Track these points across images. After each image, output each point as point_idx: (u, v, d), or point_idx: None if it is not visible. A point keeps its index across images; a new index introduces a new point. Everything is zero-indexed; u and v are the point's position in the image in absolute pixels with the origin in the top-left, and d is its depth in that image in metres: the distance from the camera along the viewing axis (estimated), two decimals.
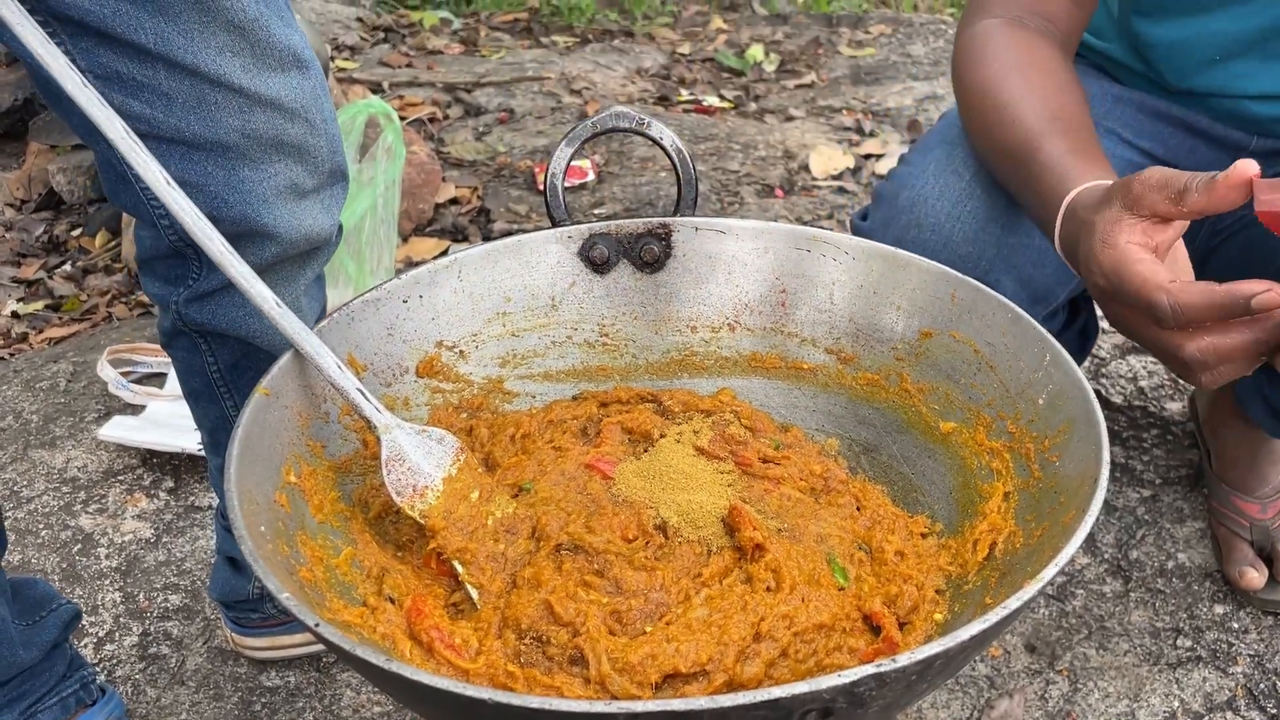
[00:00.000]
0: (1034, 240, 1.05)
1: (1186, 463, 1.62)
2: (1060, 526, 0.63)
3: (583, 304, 0.92)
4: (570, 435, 0.85)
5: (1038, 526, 0.68)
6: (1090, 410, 0.67)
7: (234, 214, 0.93)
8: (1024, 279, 1.06)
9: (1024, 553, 0.67)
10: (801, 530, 0.78)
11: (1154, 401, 1.73)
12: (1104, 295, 0.76)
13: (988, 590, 0.68)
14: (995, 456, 0.76)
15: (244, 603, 1.26)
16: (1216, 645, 1.36)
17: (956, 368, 0.81)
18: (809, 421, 0.90)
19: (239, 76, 0.88)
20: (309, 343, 0.75)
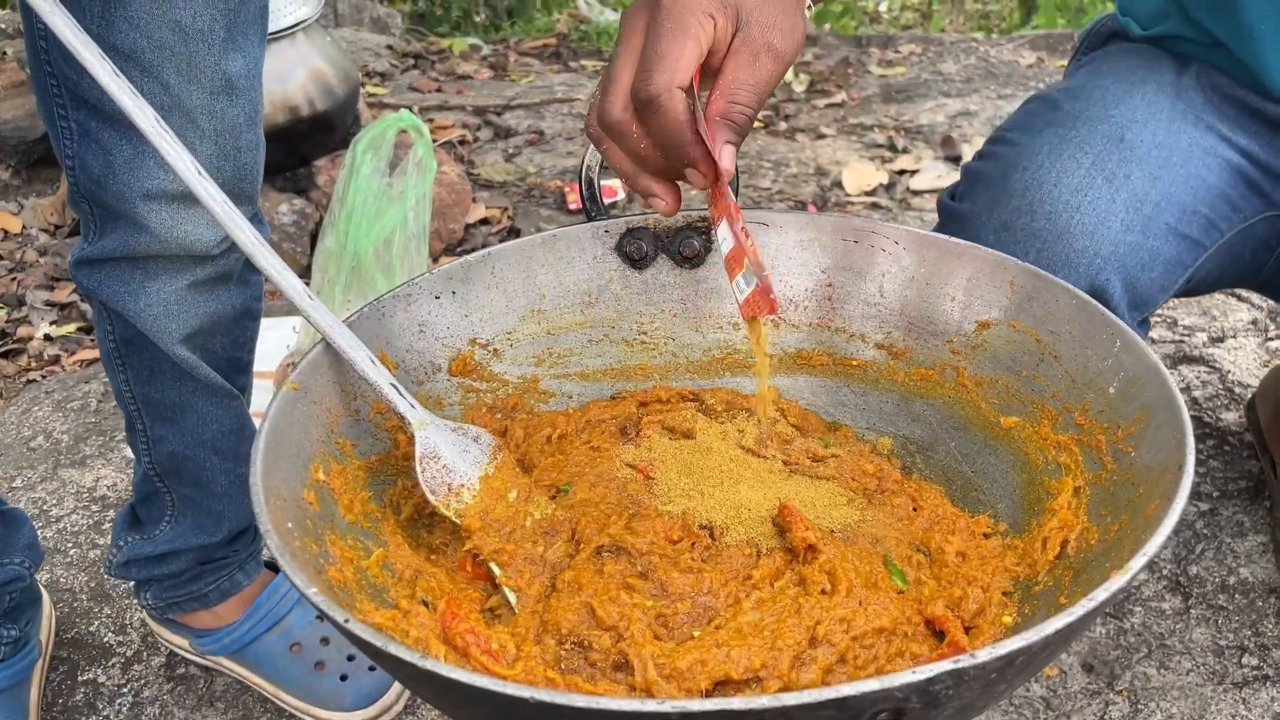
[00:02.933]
0: (1149, 241, 0.99)
1: (1245, 474, 1.56)
2: (1142, 519, 0.59)
3: (620, 300, 0.88)
4: (608, 435, 0.82)
5: (1114, 521, 0.63)
6: (1169, 395, 0.63)
7: (118, 191, 0.91)
8: (1130, 283, 1.00)
9: (1100, 549, 0.63)
10: (856, 531, 0.73)
11: (1209, 412, 1.67)
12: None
13: (1061, 590, 0.64)
14: (1063, 450, 0.72)
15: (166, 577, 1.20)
16: None
17: (1017, 359, 0.77)
18: (859, 420, 0.86)
19: (169, 74, 0.86)
20: (341, 336, 0.72)
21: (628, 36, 0.66)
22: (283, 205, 2.41)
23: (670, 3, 0.63)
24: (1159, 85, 1.10)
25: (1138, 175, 1.00)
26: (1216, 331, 1.85)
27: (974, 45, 4.01)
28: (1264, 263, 1.19)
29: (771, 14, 0.64)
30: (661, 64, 0.62)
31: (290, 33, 2.29)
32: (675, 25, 0.62)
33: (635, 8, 0.66)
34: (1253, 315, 1.91)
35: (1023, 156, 1.04)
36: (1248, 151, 1.10)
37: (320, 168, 2.48)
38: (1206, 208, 1.05)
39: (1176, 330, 1.85)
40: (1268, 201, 1.12)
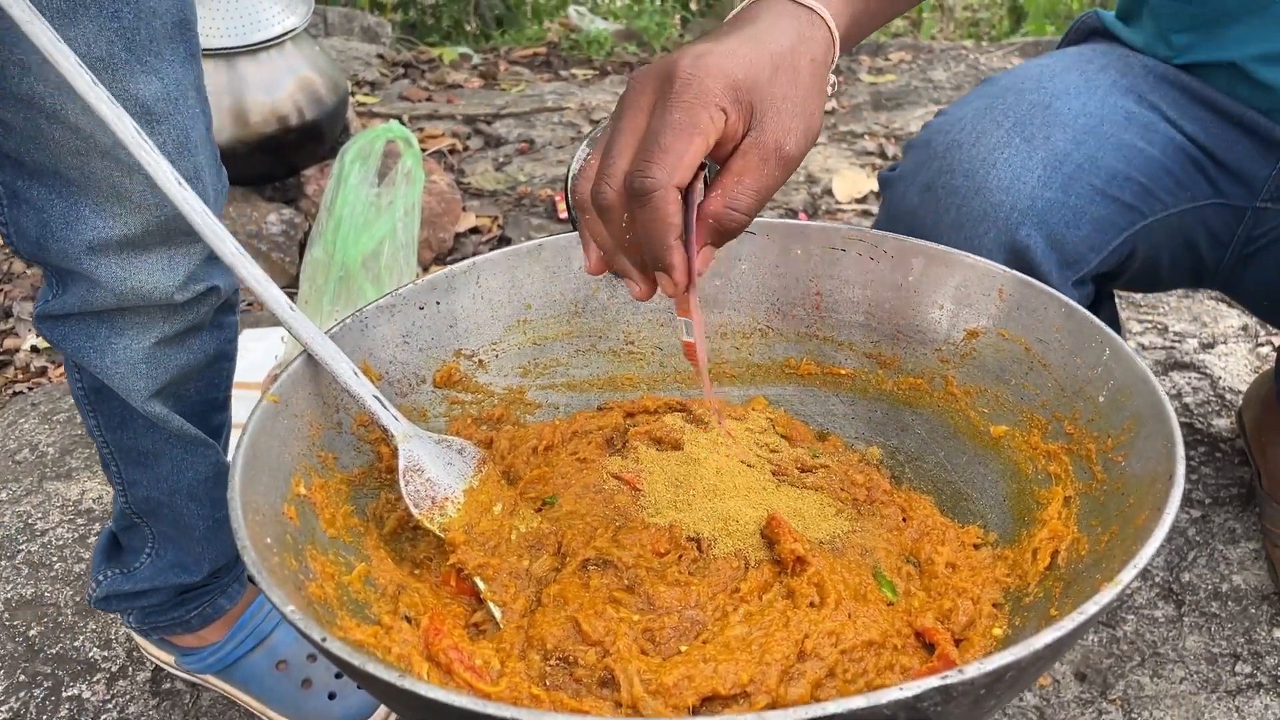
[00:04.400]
0: (1069, 198, 1.00)
1: (1237, 481, 1.56)
2: (1132, 529, 0.58)
3: (607, 310, 0.88)
4: (595, 446, 0.81)
5: (1104, 532, 0.62)
6: (1158, 404, 0.62)
7: (60, 249, 0.86)
8: (1055, 238, 1.00)
9: (1090, 560, 0.62)
10: (845, 542, 0.73)
11: (1200, 418, 1.67)
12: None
13: (1052, 602, 0.63)
14: (1052, 460, 0.71)
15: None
16: (1278, 671, 1.29)
17: (1006, 368, 0.76)
18: (848, 429, 0.85)
19: (77, 116, 0.79)
20: (323, 348, 0.71)
21: (632, 112, 0.61)
22: (271, 215, 2.40)
23: (683, 88, 0.58)
24: (1104, 66, 1.12)
25: (1059, 137, 1.01)
26: (1207, 337, 1.85)
27: (964, 53, 4.02)
28: (1220, 258, 1.20)
29: (788, 117, 0.60)
30: (663, 159, 0.58)
31: (278, 42, 2.28)
32: (684, 117, 0.58)
33: (644, 78, 0.61)
34: (1243, 321, 1.91)
35: (948, 122, 1.06)
36: (1194, 137, 1.10)
37: (309, 177, 2.47)
38: (1143, 176, 1.06)
39: (1167, 336, 1.85)
40: (1215, 188, 1.12)
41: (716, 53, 0.59)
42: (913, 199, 1.06)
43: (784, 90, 0.60)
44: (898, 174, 1.11)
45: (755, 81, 0.59)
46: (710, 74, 0.58)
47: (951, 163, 1.04)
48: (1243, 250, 1.18)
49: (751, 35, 0.61)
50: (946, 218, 1.04)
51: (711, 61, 0.59)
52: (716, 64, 0.59)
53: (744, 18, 0.64)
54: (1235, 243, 1.17)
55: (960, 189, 1.02)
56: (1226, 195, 1.13)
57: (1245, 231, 1.16)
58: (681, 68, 0.58)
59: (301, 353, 0.71)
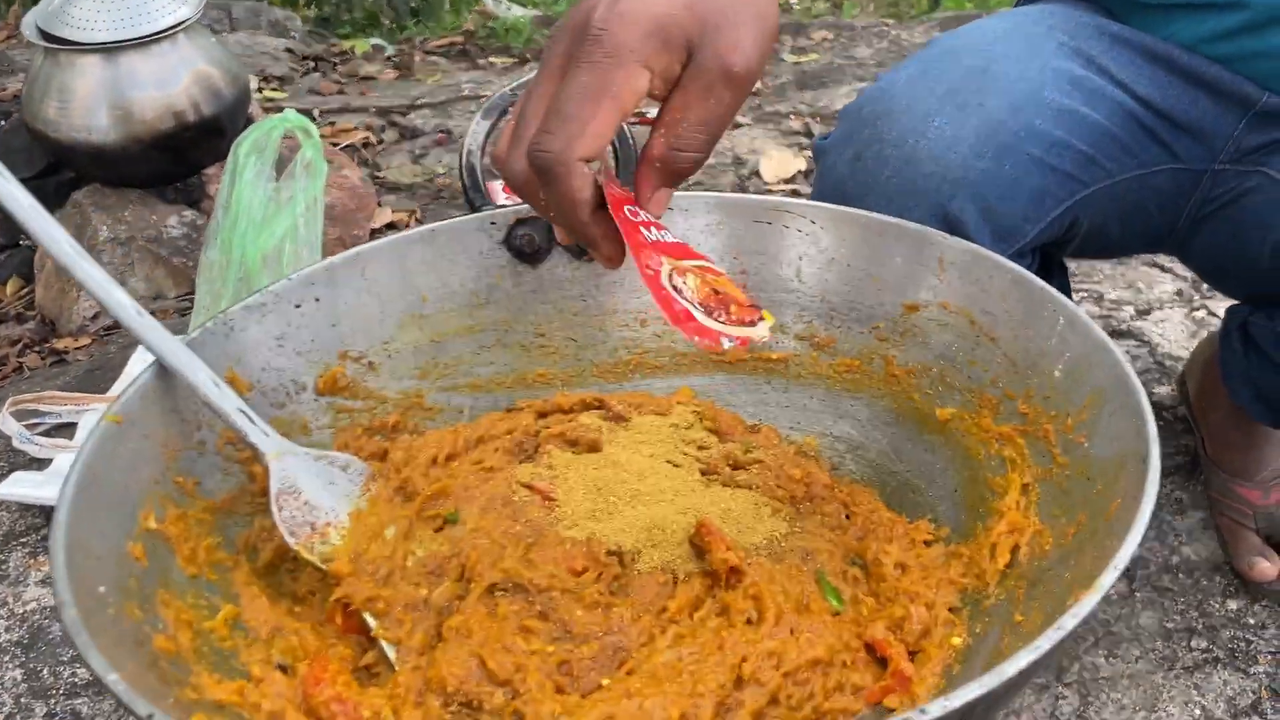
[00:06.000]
0: (1004, 168, 0.94)
1: (1181, 449, 1.52)
2: (1103, 521, 0.51)
3: (513, 300, 0.79)
4: (503, 453, 0.72)
5: (1069, 523, 0.56)
6: (1122, 376, 0.56)
7: None
8: (989, 210, 0.94)
9: (1056, 555, 0.55)
10: (783, 546, 0.65)
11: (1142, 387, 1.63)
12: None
13: (1015, 605, 0.56)
14: (1006, 444, 0.64)
15: None
16: (1234, 644, 1.25)
17: (951, 344, 0.69)
18: (782, 419, 0.77)
19: None
20: (178, 357, 0.61)
21: (546, 73, 0.53)
22: (172, 218, 2.27)
23: (594, 44, 0.50)
24: (1051, 27, 1.06)
25: (995, 104, 0.95)
26: (1143, 304, 1.82)
27: (885, 29, 3.98)
28: (1173, 222, 1.15)
29: (732, 30, 0.51)
30: (563, 129, 0.50)
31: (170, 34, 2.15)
32: (592, 79, 0.49)
33: (559, 34, 0.53)
34: (1177, 285, 1.88)
35: (880, 89, 1.00)
36: (1147, 99, 1.05)
37: (211, 176, 2.34)
38: (1085, 144, 1.00)
39: (1103, 305, 1.81)
40: (1169, 153, 1.07)
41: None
42: (843, 169, 1.00)
43: (733, 6, 0.52)
44: (829, 143, 1.04)
45: (684, 8, 0.51)
46: (626, 22, 0.49)
47: (881, 131, 0.97)
48: (1197, 213, 1.13)
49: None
50: (876, 188, 0.98)
51: (627, 4, 0.50)
52: (632, 6, 0.50)
53: None
54: (1190, 206, 1.12)
55: (890, 159, 0.96)
56: (1183, 159, 1.08)
57: (1202, 194, 1.11)
58: (594, 19, 0.50)
59: (153, 363, 0.62)
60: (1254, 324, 1.20)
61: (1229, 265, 1.20)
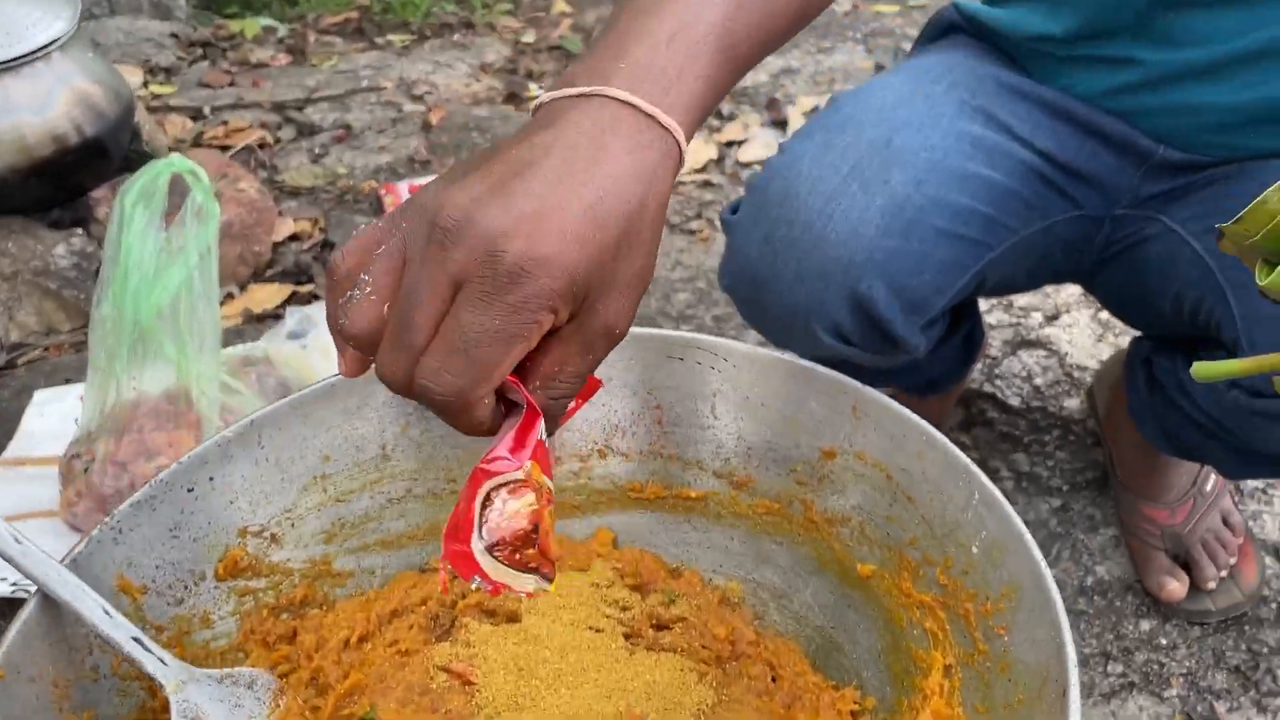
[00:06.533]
0: (911, 244, 0.95)
1: (1091, 464, 1.56)
2: None
3: (421, 447, 0.76)
4: (417, 630, 0.70)
5: None
6: (1038, 575, 0.55)
7: None
8: (898, 287, 0.95)
9: None
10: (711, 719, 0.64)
11: (1051, 400, 1.66)
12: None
13: None
14: (928, 614, 0.64)
15: None
16: (1148, 668, 1.29)
17: (869, 496, 0.69)
18: (704, 560, 0.76)
19: None
20: (64, 585, 0.58)
21: (433, 276, 0.47)
22: (59, 247, 2.16)
23: (510, 282, 0.45)
24: (952, 84, 1.05)
25: (899, 179, 0.95)
26: (1051, 309, 1.84)
27: None
28: (1078, 264, 1.17)
29: (622, 297, 0.49)
30: (469, 370, 0.46)
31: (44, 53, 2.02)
32: (507, 326, 0.46)
33: (452, 239, 0.46)
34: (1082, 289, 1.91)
35: (785, 165, 0.99)
36: (1047, 153, 1.06)
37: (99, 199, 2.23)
38: (989, 207, 1.02)
39: (1013, 312, 1.84)
40: (1071, 202, 1.09)
41: (551, 230, 0.46)
42: (752, 251, 0.99)
43: (624, 270, 0.49)
44: (737, 219, 1.03)
45: (596, 269, 0.48)
46: (550, 270, 0.46)
47: (788, 213, 0.96)
48: (1100, 255, 1.15)
49: (591, 194, 0.47)
50: (787, 271, 0.97)
51: (548, 249, 0.45)
52: (554, 253, 0.45)
53: (571, 143, 0.49)
54: (1093, 250, 1.14)
55: (799, 241, 0.95)
56: (1084, 207, 1.09)
57: (1104, 238, 1.13)
58: (511, 252, 0.45)
59: (36, 594, 0.58)
60: (1157, 364, 1.23)
61: (1133, 305, 1.22)
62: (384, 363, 0.48)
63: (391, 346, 0.48)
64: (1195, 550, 1.36)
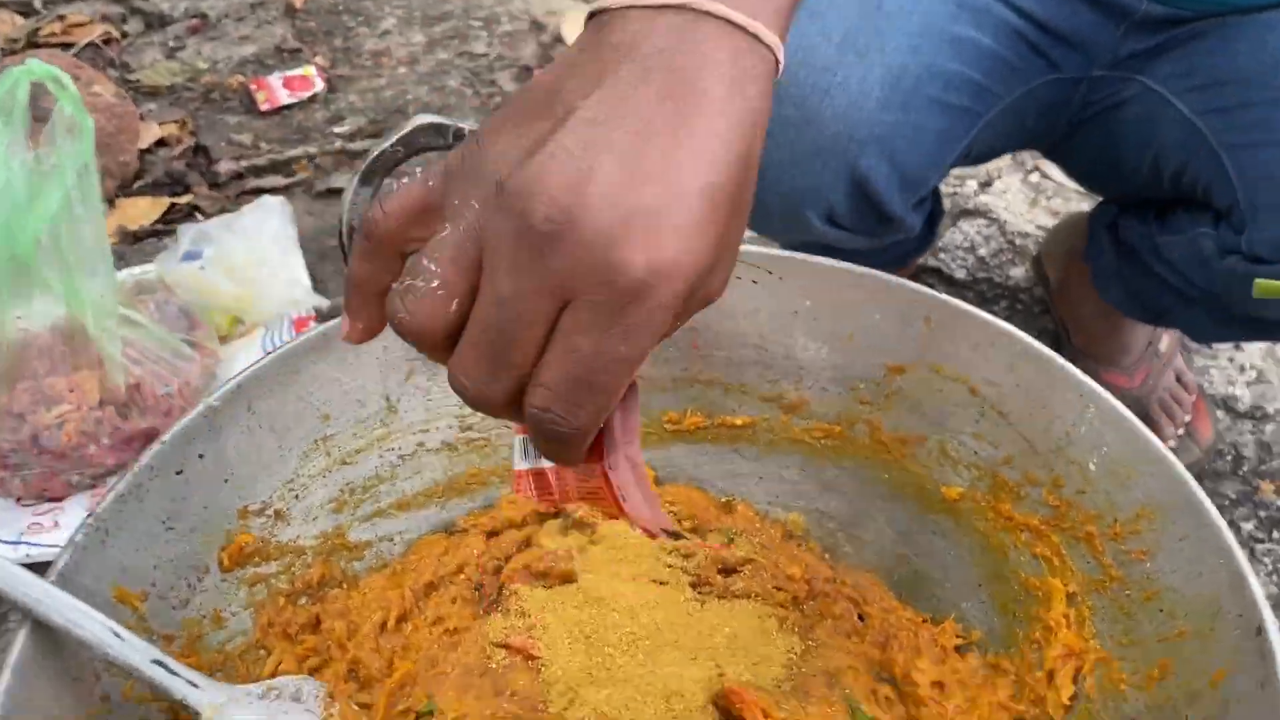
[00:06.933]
0: (910, 117, 0.89)
1: (1043, 331, 1.55)
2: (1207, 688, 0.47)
3: (429, 395, 0.67)
4: (461, 604, 0.62)
5: (1146, 663, 0.51)
6: (1191, 501, 0.51)
7: None
8: (898, 164, 0.90)
9: (1141, 703, 0.51)
10: (805, 672, 0.59)
11: (997, 270, 1.64)
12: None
13: None
14: (1037, 539, 0.59)
15: None
16: None
17: (948, 412, 0.63)
18: (758, 493, 0.70)
19: None
20: (55, 609, 0.47)
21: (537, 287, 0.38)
22: None
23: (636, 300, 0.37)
24: None
25: (894, 46, 0.90)
26: (983, 176, 1.82)
27: None
28: (1052, 129, 1.14)
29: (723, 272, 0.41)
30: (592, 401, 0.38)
31: None
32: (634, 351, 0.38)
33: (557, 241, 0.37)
34: None
35: None
36: (1029, 12, 1.01)
37: None
38: (979, 73, 0.98)
39: (948, 182, 1.80)
40: (1049, 63, 1.06)
41: (669, 228, 0.36)
42: None
43: (734, 242, 0.40)
44: None
45: (713, 257, 0.38)
46: (669, 280, 0.36)
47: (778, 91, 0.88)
48: (1075, 118, 1.11)
49: (704, 171, 0.38)
50: (780, 155, 0.90)
51: (669, 252, 0.36)
52: (676, 257, 0.36)
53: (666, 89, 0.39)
54: (1068, 114, 1.10)
55: (792, 120, 0.88)
56: (1062, 68, 1.05)
57: (1080, 101, 1.08)
58: (631, 267, 0.36)
59: (27, 626, 0.48)
60: (1124, 226, 1.20)
61: (1105, 170, 1.19)
62: (473, 379, 0.39)
63: (486, 363, 0.38)
64: (1154, 411, 1.37)
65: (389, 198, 0.41)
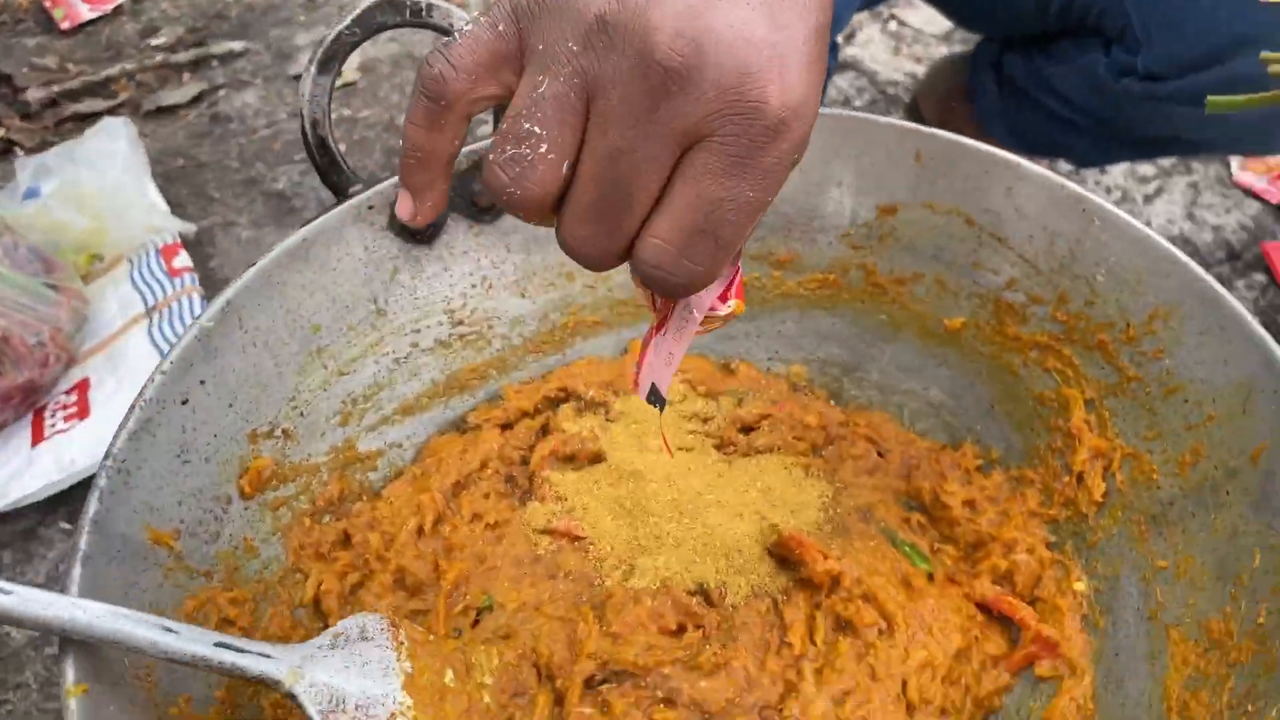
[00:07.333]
0: None
1: None
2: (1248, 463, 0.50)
3: (416, 292, 0.63)
4: (495, 497, 0.60)
5: (1177, 450, 0.55)
6: (1207, 294, 0.53)
7: None
8: None
9: (1176, 488, 0.55)
10: (839, 510, 0.60)
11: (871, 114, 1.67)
12: None
13: (1141, 544, 0.56)
14: (1047, 353, 0.61)
15: None
16: None
17: (945, 247, 0.64)
18: (757, 351, 0.70)
19: None
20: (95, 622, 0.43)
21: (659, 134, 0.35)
22: None
23: (776, 130, 0.35)
24: None
25: None
26: (846, 29, 1.83)
27: None
28: None
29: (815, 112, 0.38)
30: (719, 253, 0.37)
31: None
32: (765, 192, 0.36)
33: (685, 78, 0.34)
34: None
35: None
36: None
37: None
38: None
39: None
40: None
41: (795, 63, 0.34)
42: None
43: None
44: None
45: (819, 101, 0.36)
46: (802, 117, 0.34)
47: None
48: None
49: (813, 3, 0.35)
50: None
51: (801, 89, 0.34)
52: (806, 93, 0.34)
53: None
54: None
55: None
56: None
57: None
58: (772, 101, 0.33)
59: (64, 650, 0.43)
60: (1009, 63, 1.23)
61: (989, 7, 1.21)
62: (584, 237, 0.36)
63: (605, 223, 0.36)
64: None
65: (454, 50, 0.37)
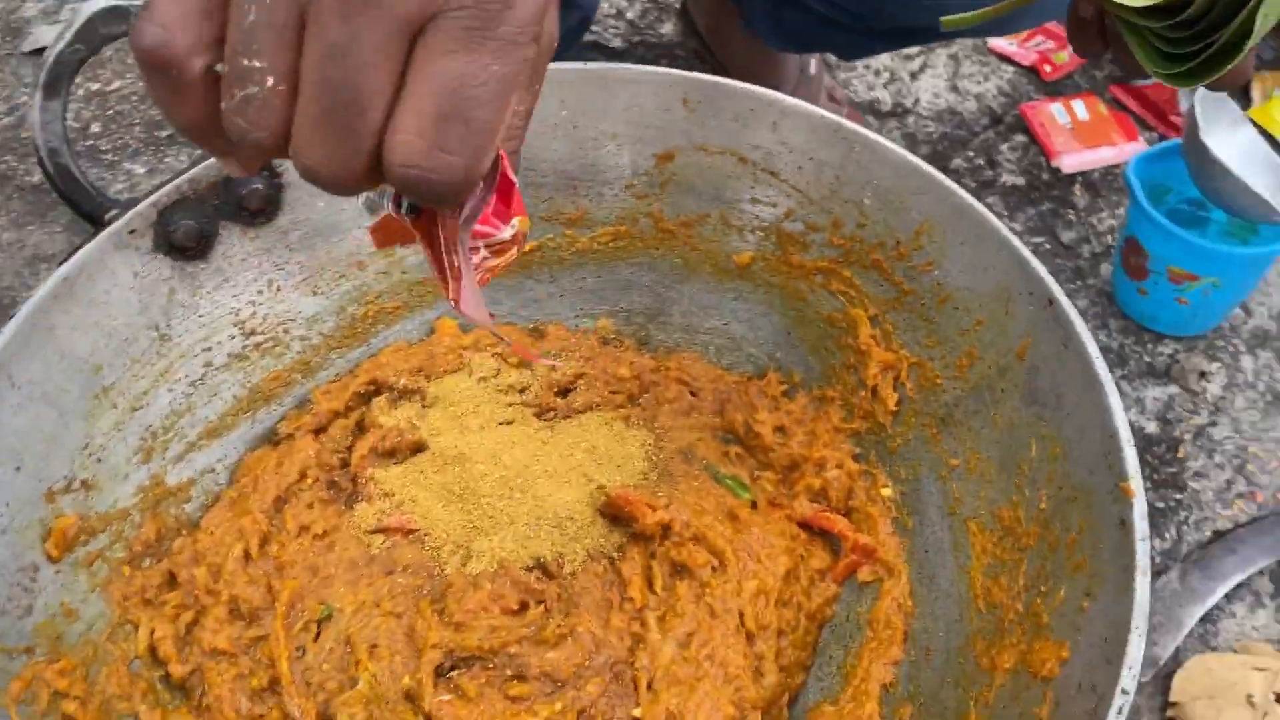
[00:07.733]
0: None
1: None
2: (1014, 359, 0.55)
3: (200, 311, 0.61)
4: (319, 505, 0.59)
5: (954, 354, 0.59)
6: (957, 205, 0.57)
7: None
8: None
9: (958, 391, 0.59)
10: (662, 457, 0.63)
11: (649, 31, 1.66)
12: None
13: (934, 445, 0.60)
14: (830, 277, 0.64)
15: None
16: None
17: (723, 186, 0.66)
18: (563, 310, 0.71)
19: None
20: None
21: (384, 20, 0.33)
22: None
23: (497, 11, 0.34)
24: None
25: None
26: None
27: None
28: None
29: (555, 7, 0.38)
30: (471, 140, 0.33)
31: None
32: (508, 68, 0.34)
33: None
34: None
35: None
36: None
37: None
38: None
39: None
40: None
41: None
42: None
43: None
44: None
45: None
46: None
47: None
48: None
49: None
50: None
51: None
52: None
53: None
54: None
55: None
56: None
57: None
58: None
59: None
60: None
61: None
62: (321, 158, 0.33)
63: (330, 134, 0.32)
64: None
65: (155, 9, 0.33)
